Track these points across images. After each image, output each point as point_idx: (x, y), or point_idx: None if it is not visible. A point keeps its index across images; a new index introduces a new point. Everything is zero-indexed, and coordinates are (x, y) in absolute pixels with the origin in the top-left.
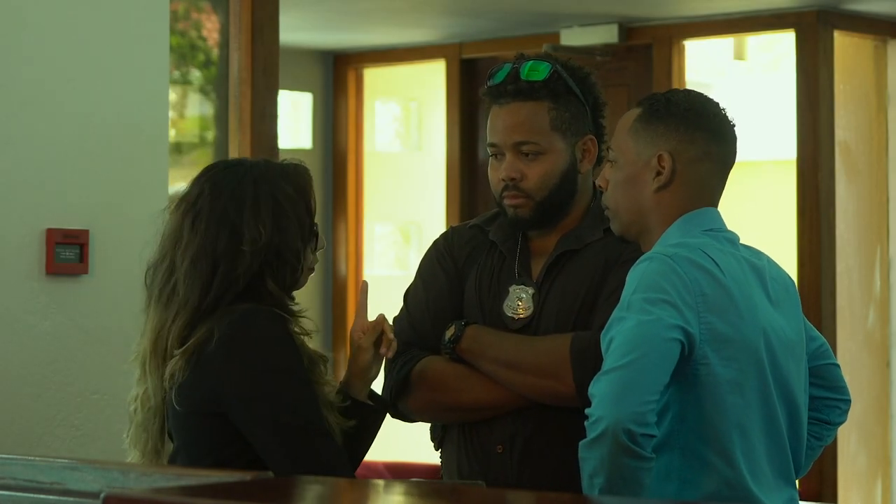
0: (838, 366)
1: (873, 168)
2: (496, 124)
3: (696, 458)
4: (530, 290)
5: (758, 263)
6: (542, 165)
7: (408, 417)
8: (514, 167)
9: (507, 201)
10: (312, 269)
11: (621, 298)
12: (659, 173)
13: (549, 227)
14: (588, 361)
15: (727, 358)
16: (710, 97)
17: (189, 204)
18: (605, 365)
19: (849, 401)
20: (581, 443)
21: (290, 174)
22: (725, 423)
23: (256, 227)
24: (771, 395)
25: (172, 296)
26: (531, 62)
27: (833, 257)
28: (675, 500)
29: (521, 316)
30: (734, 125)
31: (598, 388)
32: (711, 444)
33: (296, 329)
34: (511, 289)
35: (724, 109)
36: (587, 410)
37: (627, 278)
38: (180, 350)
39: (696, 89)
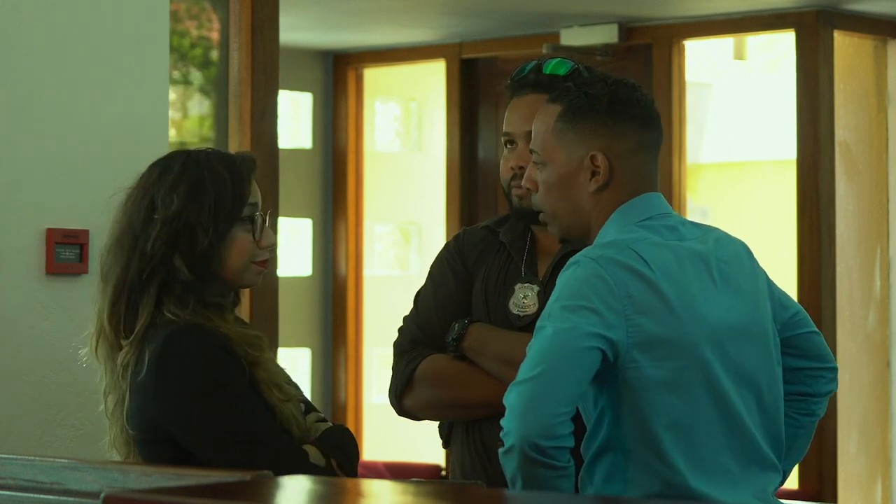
0: (818, 333)
1: (873, 168)
2: (513, 114)
3: (637, 459)
4: (536, 288)
5: (700, 248)
6: None
7: (413, 415)
8: (524, 156)
9: (514, 191)
10: (257, 262)
11: (545, 306)
12: (595, 173)
13: None
14: None
15: (658, 359)
16: (626, 80)
17: (131, 191)
18: (518, 376)
19: (835, 368)
20: (499, 449)
21: (227, 157)
22: (656, 425)
23: (170, 195)
24: (721, 388)
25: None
26: (556, 60)
27: (833, 257)
28: (640, 498)
29: (527, 313)
30: (653, 100)
31: (509, 400)
32: (647, 445)
33: (220, 325)
34: (517, 287)
35: (641, 88)
36: (501, 421)
37: (556, 284)
38: (128, 341)
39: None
